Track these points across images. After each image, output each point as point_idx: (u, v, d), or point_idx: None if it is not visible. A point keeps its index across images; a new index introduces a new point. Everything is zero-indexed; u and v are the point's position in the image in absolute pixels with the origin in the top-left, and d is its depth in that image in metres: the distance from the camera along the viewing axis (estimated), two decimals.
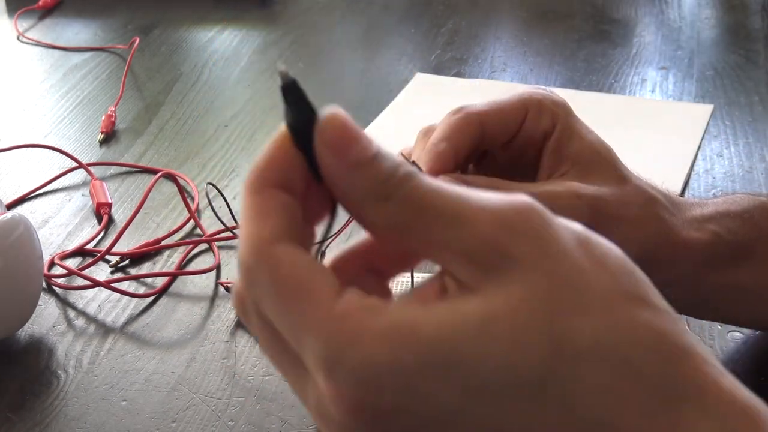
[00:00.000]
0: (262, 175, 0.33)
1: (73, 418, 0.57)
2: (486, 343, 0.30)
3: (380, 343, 0.30)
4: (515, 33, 1.10)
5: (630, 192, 0.54)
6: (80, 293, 0.68)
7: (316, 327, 0.31)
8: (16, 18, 1.15)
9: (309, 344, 0.31)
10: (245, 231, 0.33)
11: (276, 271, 0.32)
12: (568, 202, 0.51)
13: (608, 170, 0.54)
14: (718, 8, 1.13)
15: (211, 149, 0.86)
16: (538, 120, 0.54)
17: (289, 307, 0.32)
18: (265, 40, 1.09)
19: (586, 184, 0.53)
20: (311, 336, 0.31)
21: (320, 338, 0.31)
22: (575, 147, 0.54)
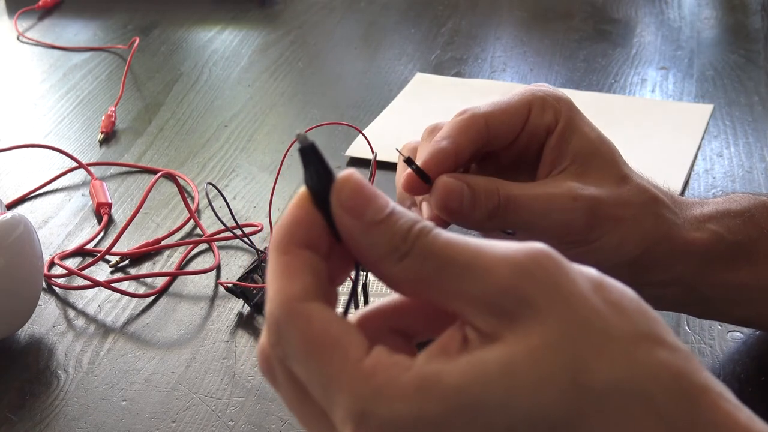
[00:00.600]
0: (288, 234, 0.34)
1: (73, 418, 0.57)
2: (510, 388, 0.31)
3: (408, 396, 0.31)
4: (515, 33, 1.10)
5: (630, 191, 0.54)
6: (80, 293, 0.68)
7: (347, 382, 0.32)
8: (16, 18, 1.15)
9: (338, 399, 0.32)
10: (274, 288, 0.34)
11: (307, 327, 0.33)
12: (565, 205, 0.51)
13: (609, 168, 0.54)
14: (718, 8, 1.13)
15: (211, 149, 0.86)
16: (541, 116, 0.54)
17: (320, 363, 0.32)
18: (265, 40, 1.09)
19: (585, 182, 0.53)
20: (341, 390, 0.32)
21: (350, 393, 0.32)
22: (576, 143, 0.54)
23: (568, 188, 0.52)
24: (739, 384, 0.57)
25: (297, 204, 0.35)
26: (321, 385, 0.32)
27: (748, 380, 0.58)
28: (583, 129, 0.55)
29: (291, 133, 0.87)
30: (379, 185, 0.77)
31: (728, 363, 0.59)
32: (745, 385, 0.57)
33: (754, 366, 0.59)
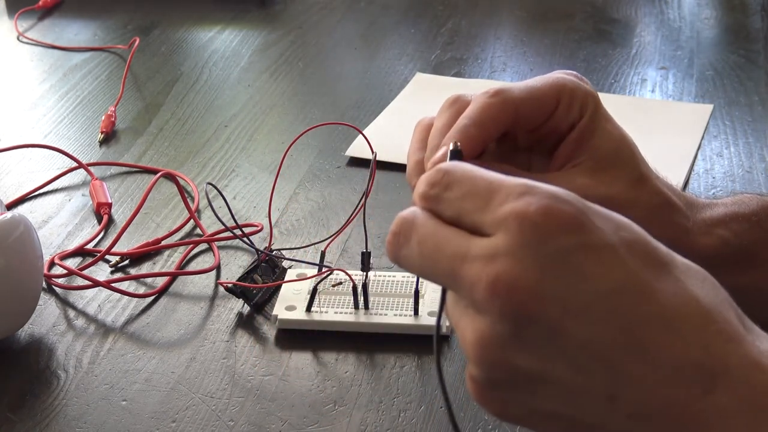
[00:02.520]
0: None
1: (73, 417, 0.57)
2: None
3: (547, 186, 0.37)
4: (515, 33, 1.10)
5: (644, 193, 0.54)
6: (80, 293, 0.68)
7: (507, 183, 0.38)
8: (16, 18, 1.15)
9: (499, 197, 0.37)
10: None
11: (473, 170, 0.39)
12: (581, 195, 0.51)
13: (625, 168, 0.54)
14: (718, 8, 1.13)
15: (211, 149, 0.86)
16: (569, 110, 0.54)
17: (489, 178, 0.39)
18: (265, 40, 1.09)
19: (598, 180, 0.53)
20: (501, 189, 0.38)
21: (512, 184, 0.38)
22: (597, 140, 0.54)
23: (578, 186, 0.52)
24: None
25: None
26: (488, 188, 0.38)
27: None
28: (606, 126, 0.54)
29: (291, 133, 0.87)
30: (379, 185, 0.77)
31: None
32: None
33: None
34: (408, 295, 0.63)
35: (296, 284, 0.65)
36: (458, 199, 0.39)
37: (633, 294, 0.36)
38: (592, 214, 0.37)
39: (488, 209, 0.38)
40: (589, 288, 0.36)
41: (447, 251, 0.38)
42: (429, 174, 0.40)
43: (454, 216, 0.39)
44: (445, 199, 0.40)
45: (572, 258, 0.36)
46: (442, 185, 0.40)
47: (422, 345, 0.61)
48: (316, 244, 0.71)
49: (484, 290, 0.36)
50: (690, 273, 0.38)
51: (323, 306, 0.63)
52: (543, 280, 0.36)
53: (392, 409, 0.57)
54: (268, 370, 0.60)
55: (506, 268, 0.36)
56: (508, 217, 0.37)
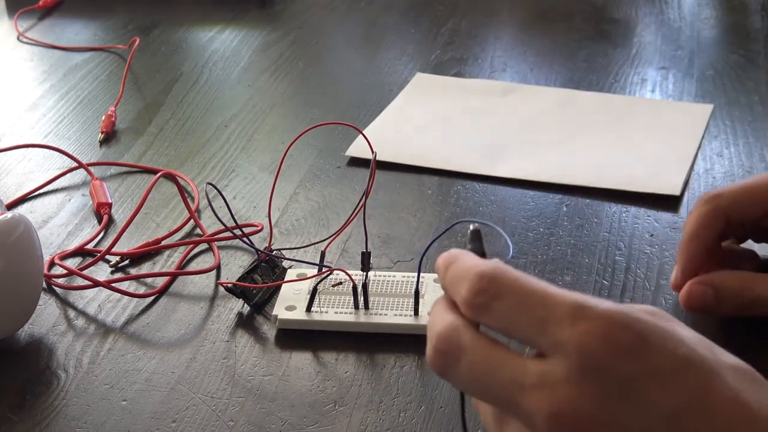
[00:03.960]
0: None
1: (73, 418, 0.57)
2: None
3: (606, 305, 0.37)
4: (515, 33, 1.10)
5: None
6: (80, 293, 0.68)
7: (561, 299, 0.38)
8: (16, 18, 1.15)
9: (556, 313, 0.37)
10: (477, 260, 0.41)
11: (520, 276, 0.39)
12: None
13: None
14: (718, 8, 1.13)
15: (211, 149, 0.86)
16: None
17: (539, 296, 0.38)
18: (265, 40, 1.09)
19: None
20: (557, 306, 0.37)
21: (566, 302, 0.37)
22: None
23: None
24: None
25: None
26: (541, 304, 0.38)
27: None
28: None
29: (291, 133, 0.87)
30: (379, 185, 0.77)
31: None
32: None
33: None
34: (408, 295, 0.63)
35: (296, 284, 0.65)
36: (509, 311, 0.38)
37: (694, 413, 0.36)
38: (650, 334, 0.37)
39: (544, 328, 0.37)
40: (652, 412, 0.36)
41: (502, 376, 0.38)
42: (473, 281, 0.39)
43: (503, 328, 0.39)
44: (494, 310, 0.39)
45: (634, 385, 0.36)
46: (490, 294, 0.39)
47: (422, 345, 0.61)
48: (316, 244, 0.71)
49: (545, 421, 0.36)
50: (738, 376, 0.38)
51: (323, 306, 0.63)
52: (604, 409, 0.36)
53: (392, 409, 0.57)
54: (269, 370, 0.60)
55: (567, 399, 0.36)
56: (566, 342, 0.37)
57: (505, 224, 0.73)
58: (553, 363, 0.37)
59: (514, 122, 0.89)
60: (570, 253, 0.70)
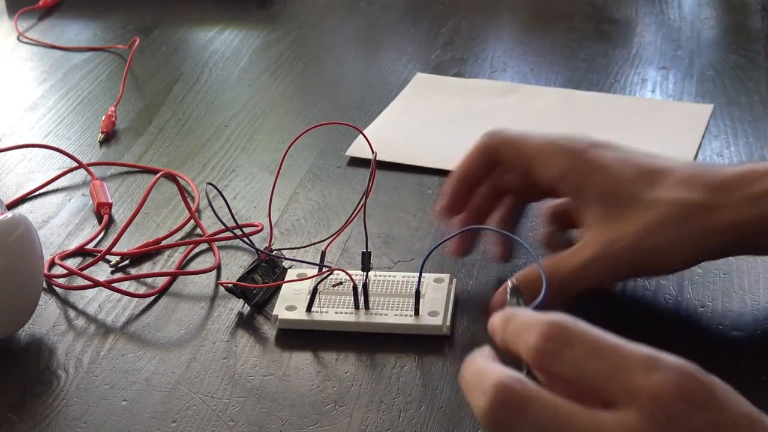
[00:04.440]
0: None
1: (73, 418, 0.57)
2: None
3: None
4: (515, 33, 1.10)
5: (662, 212, 0.56)
6: (80, 293, 0.68)
7: (634, 352, 0.39)
8: (16, 18, 1.15)
9: (630, 365, 0.39)
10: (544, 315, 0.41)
11: (589, 327, 0.40)
12: (604, 263, 0.56)
13: (635, 201, 0.56)
14: (718, 8, 1.13)
15: (211, 149, 0.86)
16: (544, 170, 0.60)
17: (610, 348, 0.39)
18: (265, 40, 1.09)
19: (617, 225, 0.56)
20: (631, 357, 0.39)
21: (639, 353, 0.39)
22: (591, 196, 0.58)
23: (604, 242, 0.56)
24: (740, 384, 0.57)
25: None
26: (613, 354, 0.39)
27: (748, 379, 0.58)
28: (594, 180, 0.58)
29: (291, 133, 0.87)
30: (379, 185, 0.77)
31: (729, 363, 0.59)
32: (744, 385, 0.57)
33: (754, 365, 0.59)
34: (409, 295, 0.63)
35: (296, 284, 0.65)
36: (581, 358, 0.39)
37: None
38: (718, 390, 0.39)
39: (617, 378, 0.38)
40: None
41: (576, 429, 0.38)
42: (544, 328, 0.40)
43: (573, 375, 0.39)
44: (565, 357, 0.39)
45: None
46: (561, 341, 0.39)
47: (423, 345, 0.61)
48: (316, 243, 0.71)
49: None
50: None
51: (323, 306, 0.63)
52: None
53: (393, 409, 0.57)
54: (269, 370, 0.60)
55: None
56: (641, 393, 0.37)
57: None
58: (627, 413, 0.37)
59: (514, 122, 0.88)
60: None
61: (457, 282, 0.66)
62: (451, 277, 0.65)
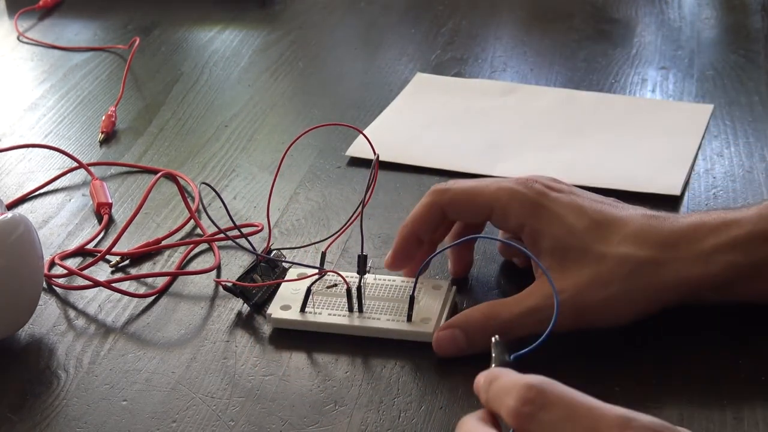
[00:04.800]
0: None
1: (73, 418, 0.57)
2: None
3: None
4: (515, 33, 1.10)
5: (609, 267, 0.57)
6: (80, 293, 0.68)
7: (607, 409, 0.41)
8: (16, 18, 1.15)
9: (606, 420, 0.40)
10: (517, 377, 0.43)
11: (565, 387, 0.42)
12: (546, 316, 0.54)
13: (584, 253, 0.58)
14: (718, 8, 1.13)
15: (211, 149, 0.86)
16: (504, 221, 0.61)
17: (586, 405, 0.41)
18: (265, 40, 1.09)
19: (565, 277, 0.57)
20: (607, 415, 0.40)
21: (613, 414, 0.40)
22: (547, 244, 0.59)
23: (544, 297, 0.57)
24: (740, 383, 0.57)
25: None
26: (588, 416, 0.40)
27: (749, 379, 0.58)
28: (550, 230, 0.59)
29: (291, 133, 0.87)
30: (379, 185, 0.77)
31: (728, 363, 0.59)
32: (744, 384, 0.57)
33: (754, 365, 0.59)
34: (404, 300, 0.63)
35: (295, 284, 0.65)
36: (557, 421, 0.40)
37: None
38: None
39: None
40: None
41: None
42: (521, 391, 0.41)
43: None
44: (542, 420, 0.41)
45: None
46: (538, 405, 0.41)
47: (422, 347, 0.61)
48: (316, 243, 0.71)
49: None
50: None
51: (317, 307, 0.63)
52: None
53: (392, 409, 0.57)
54: (269, 370, 0.60)
55: None
56: None
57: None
58: None
59: (514, 122, 0.89)
60: None
61: (456, 289, 0.65)
62: (449, 284, 0.65)
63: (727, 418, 0.55)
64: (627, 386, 0.57)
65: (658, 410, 0.55)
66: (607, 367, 0.59)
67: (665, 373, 0.58)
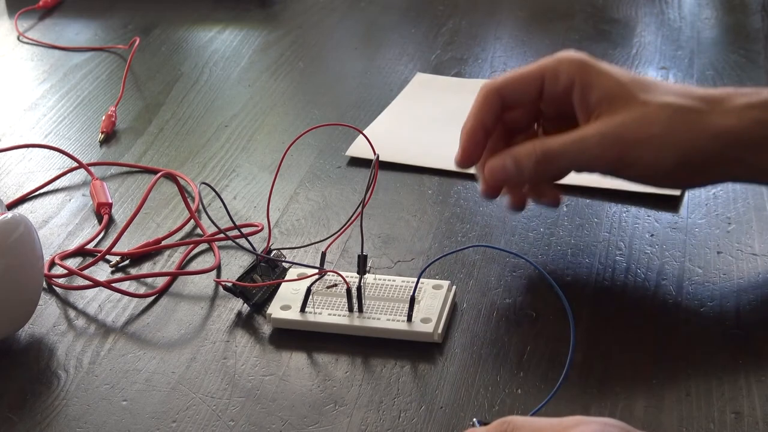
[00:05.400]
0: None
1: (73, 418, 0.57)
2: None
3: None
4: (515, 33, 1.10)
5: (653, 112, 0.62)
6: (81, 293, 0.68)
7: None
8: (16, 18, 1.15)
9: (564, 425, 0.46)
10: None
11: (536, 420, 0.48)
12: (594, 140, 0.62)
13: (629, 100, 0.62)
14: (718, 8, 1.13)
15: (211, 149, 0.86)
16: (555, 82, 0.64)
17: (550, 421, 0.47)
18: (265, 40, 1.09)
19: (613, 120, 0.62)
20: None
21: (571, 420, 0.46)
22: (596, 95, 0.63)
23: (595, 127, 0.62)
24: (740, 383, 0.57)
25: None
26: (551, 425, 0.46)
27: (748, 378, 0.58)
28: (599, 81, 0.63)
29: (291, 133, 0.87)
30: (379, 184, 0.77)
31: (728, 362, 0.59)
32: (745, 384, 0.57)
33: (754, 365, 0.59)
34: (405, 300, 0.63)
35: (295, 284, 0.65)
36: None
37: None
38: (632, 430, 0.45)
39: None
40: None
41: None
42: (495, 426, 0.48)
43: None
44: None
45: None
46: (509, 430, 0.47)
47: (422, 347, 0.61)
48: (316, 243, 0.71)
49: None
50: None
51: (317, 307, 0.63)
52: None
53: (392, 409, 0.57)
54: (269, 370, 0.60)
55: None
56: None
57: (505, 224, 0.73)
58: None
59: None
60: (570, 253, 0.70)
61: (457, 289, 0.65)
62: (450, 284, 0.65)
63: (727, 418, 0.55)
64: (626, 386, 0.57)
65: (657, 410, 0.55)
66: (606, 368, 0.59)
67: (665, 373, 0.58)
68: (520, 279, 0.66)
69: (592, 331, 0.62)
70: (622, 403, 0.56)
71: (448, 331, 0.62)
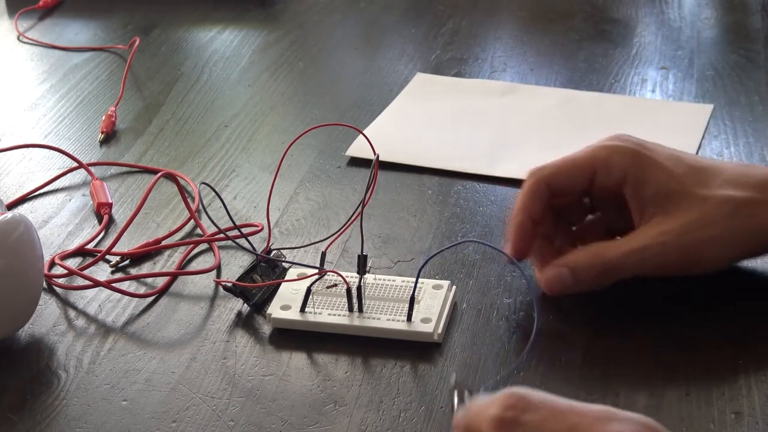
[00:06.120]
0: None
1: (73, 418, 0.57)
2: None
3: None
4: (515, 33, 1.10)
5: (713, 208, 0.60)
6: (80, 293, 0.68)
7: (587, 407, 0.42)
8: (16, 18, 1.15)
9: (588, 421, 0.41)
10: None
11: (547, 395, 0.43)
12: (655, 249, 0.60)
13: (687, 197, 0.60)
14: (718, 8, 1.13)
15: (211, 149, 0.86)
16: (608, 176, 0.62)
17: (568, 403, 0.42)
18: (265, 40, 1.09)
19: (671, 220, 0.60)
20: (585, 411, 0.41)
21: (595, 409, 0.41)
22: (650, 190, 0.61)
23: (655, 234, 0.60)
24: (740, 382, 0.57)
25: None
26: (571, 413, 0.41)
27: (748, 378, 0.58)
28: (653, 176, 0.61)
29: (291, 133, 0.87)
30: (379, 184, 0.77)
31: (728, 362, 0.59)
32: (745, 384, 0.57)
33: (754, 365, 0.59)
34: (404, 300, 0.63)
35: (295, 284, 0.65)
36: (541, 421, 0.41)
37: None
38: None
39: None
40: None
41: None
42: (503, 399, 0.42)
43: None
44: (526, 422, 0.41)
45: None
46: (520, 408, 0.41)
47: (422, 347, 0.61)
48: (316, 243, 0.71)
49: None
50: None
51: (317, 307, 0.63)
52: None
53: (392, 409, 0.57)
54: (269, 370, 0.60)
55: None
56: None
57: (505, 224, 0.73)
58: None
59: (514, 122, 0.89)
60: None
61: (457, 289, 0.65)
62: (450, 284, 0.65)
63: (727, 418, 0.55)
64: (627, 386, 0.57)
65: (657, 410, 0.55)
66: (606, 368, 0.59)
67: (665, 373, 0.58)
68: (520, 279, 0.66)
69: (591, 331, 0.62)
70: (623, 402, 0.56)
71: (448, 331, 0.62)
